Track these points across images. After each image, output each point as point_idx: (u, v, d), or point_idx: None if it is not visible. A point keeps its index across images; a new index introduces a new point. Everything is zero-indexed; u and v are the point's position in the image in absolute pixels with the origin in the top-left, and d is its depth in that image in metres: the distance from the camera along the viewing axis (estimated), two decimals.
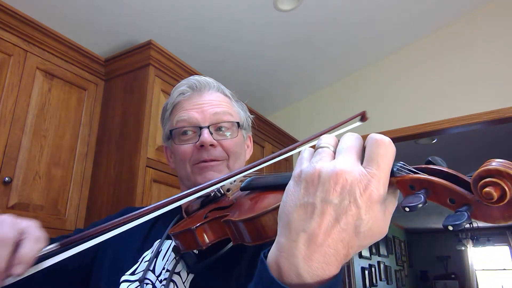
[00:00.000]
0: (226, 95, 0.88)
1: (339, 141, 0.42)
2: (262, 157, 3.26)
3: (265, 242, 0.50)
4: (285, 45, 2.77)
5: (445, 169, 0.38)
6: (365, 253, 6.81)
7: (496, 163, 0.33)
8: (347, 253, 0.37)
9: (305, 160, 0.41)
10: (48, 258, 0.47)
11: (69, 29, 2.08)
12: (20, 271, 0.45)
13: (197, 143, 0.78)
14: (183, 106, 0.83)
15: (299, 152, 0.58)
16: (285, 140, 3.34)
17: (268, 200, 0.54)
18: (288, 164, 3.37)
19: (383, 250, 7.72)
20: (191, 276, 0.69)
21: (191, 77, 0.87)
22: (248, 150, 0.93)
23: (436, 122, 2.76)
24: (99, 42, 2.26)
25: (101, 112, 2.18)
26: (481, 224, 8.87)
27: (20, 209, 1.71)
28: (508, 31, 2.65)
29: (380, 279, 7.24)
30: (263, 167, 0.59)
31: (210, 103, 0.82)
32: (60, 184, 1.90)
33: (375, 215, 0.37)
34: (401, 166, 0.40)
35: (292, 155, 3.44)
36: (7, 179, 1.66)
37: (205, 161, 0.78)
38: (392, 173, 0.39)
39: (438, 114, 2.77)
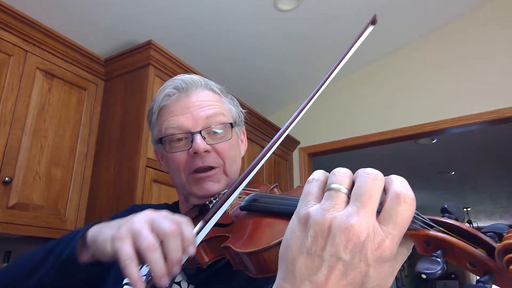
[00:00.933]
0: (215, 92, 0.82)
1: (353, 181, 0.38)
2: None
3: (268, 276, 0.48)
4: (286, 45, 2.77)
5: (465, 227, 0.35)
6: None
7: None
8: None
9: (313, 198, 0.38)
10: (198, 234, 0.56)
11: (69, 29, 2.08)
12: (194, 250, 0.52)
13: (190, 150, 0.74)
14: (170, 110, 0.77)
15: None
16: (285, 140, 3.34)
17: (271, 231, 0.52)
18: (289, 164, 3.37)
19: None
20: (191, 287, 0.68)
21: (176, 77, 0.81)
22: (242, 145, 0.88)
23: (436, 122, 2.76)
24: (99, 42, 2.26)
25: (101, 112, 2.18)
26: (481, 224, 8.86)
27: (20, 209, 1.71)
28: (508, 30, 2.65)
29: None
30: (262, 166, 0.59)
31: (200, 105, 0.77)
32: (60, 184, 1.90)
33: (383, 272, 0.36)
34: (415, 217, 0.36)
35: (292, 156, 3.44)
36: (7, 179, 1.66)
37: (200, 168, 0.74)
38: None
39: (438, 114, 2.77)
